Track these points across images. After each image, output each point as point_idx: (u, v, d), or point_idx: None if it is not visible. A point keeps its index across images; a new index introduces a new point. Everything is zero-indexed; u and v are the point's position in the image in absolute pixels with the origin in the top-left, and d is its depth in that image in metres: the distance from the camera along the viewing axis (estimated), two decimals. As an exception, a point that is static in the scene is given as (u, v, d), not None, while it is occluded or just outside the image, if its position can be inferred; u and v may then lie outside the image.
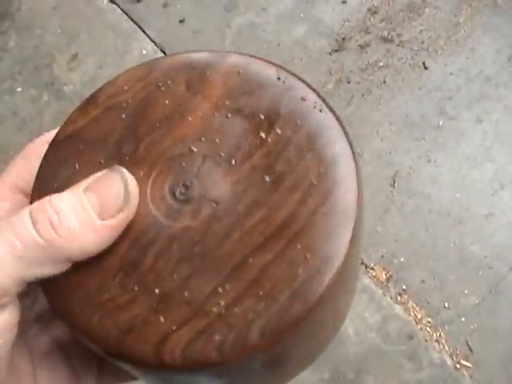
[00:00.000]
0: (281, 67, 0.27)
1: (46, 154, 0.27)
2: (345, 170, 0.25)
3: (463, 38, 1.15)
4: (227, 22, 1.21)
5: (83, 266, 0.24)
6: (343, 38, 1.17)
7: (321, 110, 0.26)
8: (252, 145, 0.26)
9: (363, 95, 1.11)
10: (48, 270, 0.23)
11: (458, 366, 0.91)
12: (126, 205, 0.24)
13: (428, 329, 0.93)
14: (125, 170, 0.24)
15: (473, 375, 0.90)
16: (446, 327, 0.94)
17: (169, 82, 0.27)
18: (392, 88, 1.12)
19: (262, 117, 0.26)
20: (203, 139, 0.26)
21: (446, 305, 0.95)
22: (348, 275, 0.25)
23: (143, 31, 1.21)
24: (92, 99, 0.27)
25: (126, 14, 1.23)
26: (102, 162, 0.26)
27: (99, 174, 0.24)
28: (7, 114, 1.14)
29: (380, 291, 0.96)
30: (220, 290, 0.23)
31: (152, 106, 0.27)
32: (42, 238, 0.22)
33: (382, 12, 1.19)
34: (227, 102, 0.26)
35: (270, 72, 0.27)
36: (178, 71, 0.27)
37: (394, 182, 1.04)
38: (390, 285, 0.97)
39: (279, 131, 0.26)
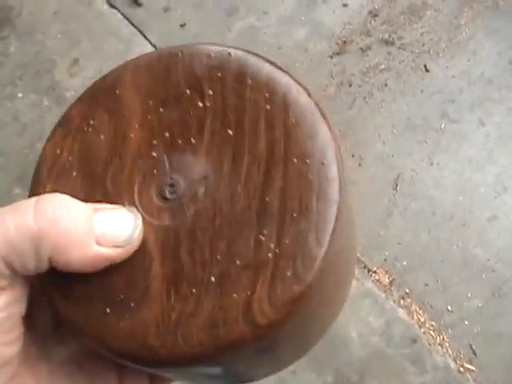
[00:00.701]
0: (161, 48, 0.28)
1: None
2: (284, 80, 0.26)
3: (465, 41, 1.15)
4: (228, 26, 1.21)
5: (137, 308, 0.24)
6: (344, 41, 1.17)
7: (229, 54, 0.27)
8: (198, 117, 0.26)
9: (365, 98, 1.11)
10: (32, 262, 0.23)
11: (461, 369, 0.91)
12: (124, 244, 0.24)
13: (431, 332, 0.93)
14: (140, 217, 0.25)
15: (476, 378, 0.90)
16: (450, 330, 0.93)
17: (91, 121, 0.27)
18: (394, 91, 1.11)
19: (188, 92, 0.27)
20: (155, 142, 0.27)
21: (450, 308, 0.95)
22: (342, 166, 0.26)
23: (144, 36, 1.21)
24: (36, 183, 0.27)
25: (127, 19, 1.23)
26: None
27: (115, 206, 0.25)
28: (8, 120, 1.14)
29: (383, 295, 0.96)
30: (261, 237, 0.24)
31: (93, 149, 0.27)
32: (36, 225, 0.23)
33: (382, 15, 1.19)
34: (151, 102, 0.27)
35: (158, 53, 0.28)
36: (92, 107, 0.28)
37: (397, 185, 1.03)
38: (393, 288, 0.96)
39: (210, 92, 0.27)
